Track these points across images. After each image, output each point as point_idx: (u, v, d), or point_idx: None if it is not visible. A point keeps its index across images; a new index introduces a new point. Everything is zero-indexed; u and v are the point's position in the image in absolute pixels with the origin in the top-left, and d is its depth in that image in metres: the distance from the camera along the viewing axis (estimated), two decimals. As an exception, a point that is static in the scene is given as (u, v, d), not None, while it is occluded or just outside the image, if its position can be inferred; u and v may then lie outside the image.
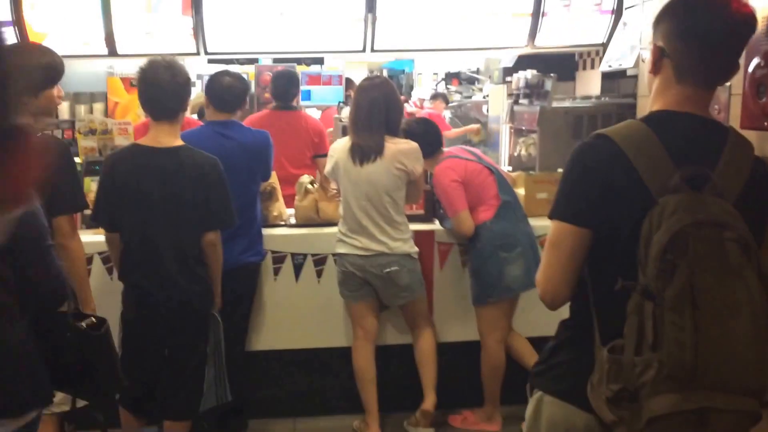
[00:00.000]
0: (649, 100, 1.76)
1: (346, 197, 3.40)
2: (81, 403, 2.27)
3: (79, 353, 2.00)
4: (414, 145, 3.37)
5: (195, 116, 4.81)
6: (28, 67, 2.65)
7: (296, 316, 3.71)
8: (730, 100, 2.76)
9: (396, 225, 3.37)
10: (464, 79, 8.31)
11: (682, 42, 1.64)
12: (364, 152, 3.32)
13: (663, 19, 1.68)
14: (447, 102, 7.92)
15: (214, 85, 3.51)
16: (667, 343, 1.45)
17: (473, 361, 3.63)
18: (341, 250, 3.44)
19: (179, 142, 2.92)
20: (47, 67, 2.72)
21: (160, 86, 2.86)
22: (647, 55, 1.78)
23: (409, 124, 3.60)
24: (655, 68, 1.70)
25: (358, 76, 6.82)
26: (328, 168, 3.48)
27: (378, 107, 3.34)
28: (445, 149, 3.74)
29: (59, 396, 2.46)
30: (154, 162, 2.86)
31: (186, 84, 2.94)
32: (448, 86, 8.20)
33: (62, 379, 2.01)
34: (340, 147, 3.44)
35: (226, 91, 3.46)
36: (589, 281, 1.64)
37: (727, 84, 2.63)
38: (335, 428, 3.70)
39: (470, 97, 7.58)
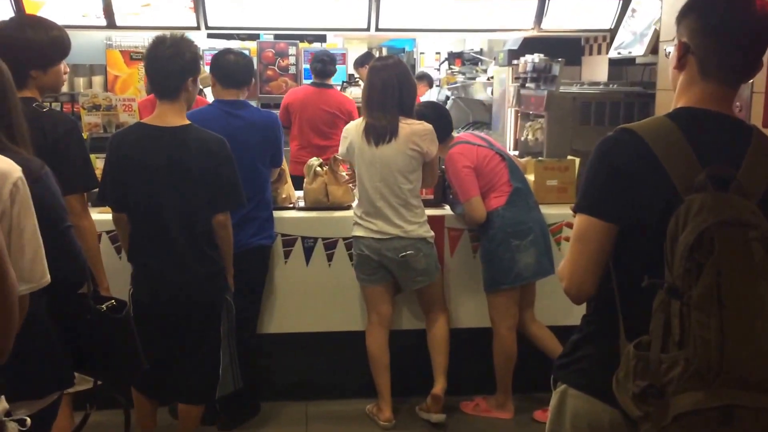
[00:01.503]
0: (673, 95, 1.77)
1: (361, 179, 3.41)
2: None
3: (100, 336, 2.01)
4: (429, 126, 3.38)
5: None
6: (38, 42, 2.64)
7: (307, 299, 3.73)
8: (752, 98, 2.77)
9: (412, 208, 3.39)
10: (467, 60, 8.26)
11: (706, 38, 1.65)
12: (378, 133, 3.33)
13: (687, 14, 1.69)
14: (431, 84, 7.79)
15: (219, 63, 3.46)
16: (694, 341, 1.48)
17: (486, 348, 3.67)
18: (357, 233, 3.46)
19: (185, 121, 2.91)
20: (56, 42, 2.70)
21: (161, 65, 2.84)
22: (671, 50, 1.79)
23: (420, 108, 3.61)
24: (680, 64, 1.71)
25: (357, 54, 6.81)
26: (342, 149, 3.49)
27: (392, 88, 3.35)
28: (455, 135, 3.75)
29: (79, 375, 2.49)
30: (161, 141, 2.84)
31: (192, 62, 2.89)
32: (452, 66, 8.14)
33: (83, 362, 2.02)
34: (353, 128, 3.45)
35: (232, 68, 3.42)
36: (614, 276, 1.66)
37: (749, 81, 2.65)
38: (348, 412, 3.73)
39: (474, 78, 7.54)
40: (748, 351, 1.47)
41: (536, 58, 4.85)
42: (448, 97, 7.86)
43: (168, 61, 2.83)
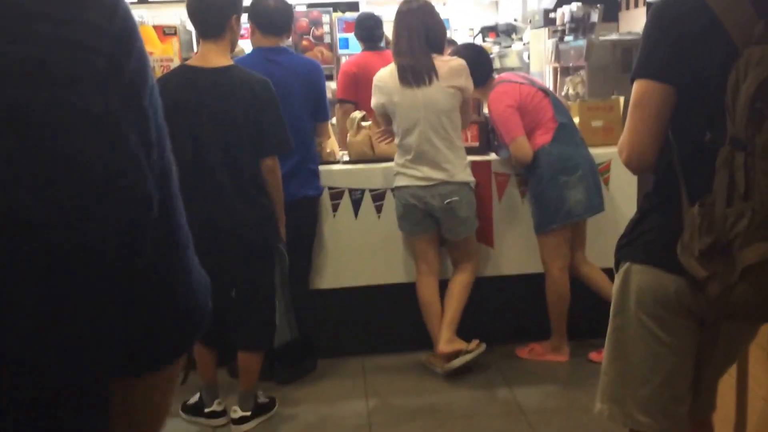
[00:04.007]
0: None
1: (403, 126, 3.37)
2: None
3: None
4: (461, 60, 3.35)
5: None
6: None
7: (357, 252, 3.73)
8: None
9: (456, 149, 3.38)
10: (502, 31, 8.23)
11: None
12: (415, 73, 3.30)
13: None
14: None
15: (258, 9, 3.42)
16: (759, 191, 1.45)
17: (537, 294, 3.64)
18: (401, 182, 3.44)
19: (229, 62, 2.91)
20: None
21: (203, 1, 2.85)
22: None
23: (458, 49, 3.58)
24: None
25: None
26: (375, 102, 3.42)
27: (417, 33, 3.32)
28: (496, 75, 3.73)
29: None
30: (204, 82, 2.84)
31: (233, 1, 2.88)
32: (486, 39, 8.11)
33: None
34: (386, 75, 3.39)
35: (273, 13, 3.39)
36: (674, 142, 1.64)
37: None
38: (404, 364, 3.72)
39: (509, 46, 7.50)
40: (816, 197, 1.44)
41: (573, 6, 4.80)
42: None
43: None
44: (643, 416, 1.76)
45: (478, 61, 3.52)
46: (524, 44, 6.86)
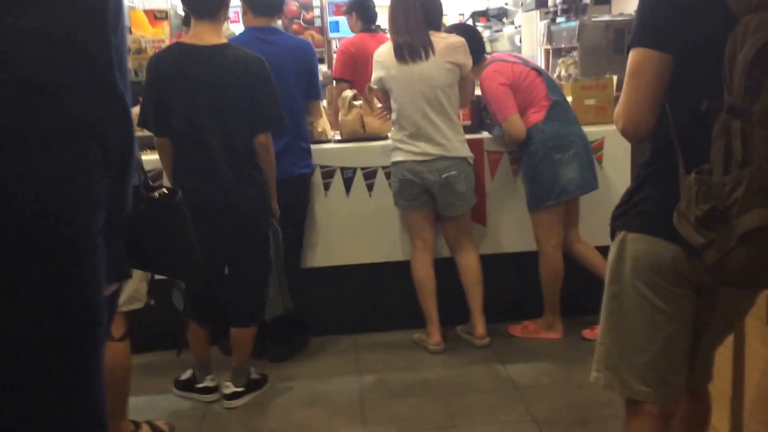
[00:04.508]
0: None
1: (400, 101, 3.38)
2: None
3: (154, 225, 2.01)
4: (460, 38, 3.38)
5: None
6: None
7: (349, 231, 3.72)
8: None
9: (454, 125, 3.39)
10: (493, 16, 8.20)
11: None
12: (412, 48, 3.31)
13: None
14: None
15: None
16: (758, 158, 1.46)
17: (531, 272, 3.65)
18: (398, 158, 3.44)
19: (223, 40, 2.91)
20: None
21: None
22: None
23: (450, 30, 3.58)
24: None
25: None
26: (375, 76, 3.45)
27: (415, 10, 3.34)
28: (488, 55, 3.72)
29: (125, 296, 2.50)
30: (199, 59, 2.84)
31: None
32: (476, 24, 8.07)
33: (138, 256, 2.02)
34: (385, 51, 3.42)
35: None
36: (671, 111, 1.64)
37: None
38: (396, 342, 3.74)
39: (500, 30, 7.48)
40: (814, 163, 1.44)
41: (565, -13, 4.80)
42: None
43: None
44: (639, 384, 1.77)
45: (470, 41, 3.51)
46: (516, 27, 6.85)
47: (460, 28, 3.75)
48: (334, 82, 4.54)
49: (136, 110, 3.19)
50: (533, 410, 2.99)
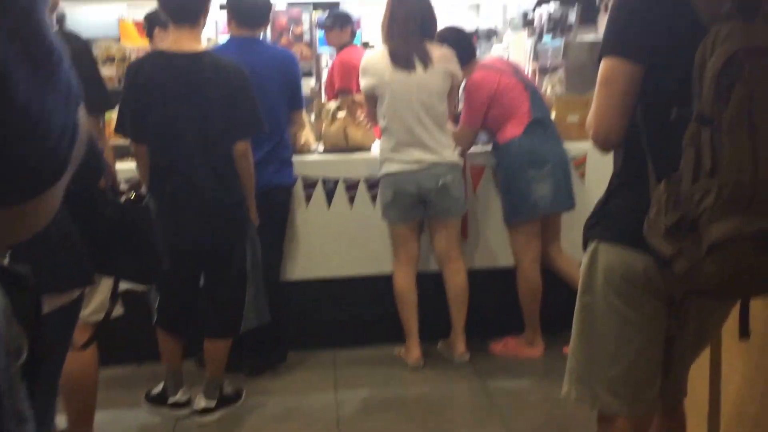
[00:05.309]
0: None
1: (393, 108, 3.35)
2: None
3: (120, 230, 1.98)
4: (449, 50, 3.42)
5: None
6: None
7: (330, 243, 3.69)
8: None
9: (446, 132, 3.42)
10: (481, 37, 8.24)
11: None
12: (411, 56, 3.32)
13: None
14: None
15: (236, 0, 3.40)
16: (726, 167, 1.44)
17: (511, 287, 3.62)
18: (391, 169, 3.41)
19: (202, 48, 2.89)
20: None
21: None
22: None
23: (442, 32, 3.58)
24: None
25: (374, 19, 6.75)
26: (366, 83, 3.40)
27: (414, 18, 3.36)
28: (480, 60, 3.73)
29: (92, 306, 2.46)
30: (177, 66, 2.82)
31: None
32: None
33: (103, 261, 1.99)
34: (377, 57, 3.41)
35: (250, 6, 3.37)
36: (642, 120, 1.63)
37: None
38: (376, 357, 3.69)
39: (488, 51, 7.50)
40: (782, 173, 1.42)
41: (551, 7, 4.81)
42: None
43: None
44: (611, 398, 1.74)
45: (460, 43, 3.56)
46: (504, 48, 6.87)
47: (451, 30, 3.72)
48: (339, 94, 4.50)
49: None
50: (512, 427, 2.95)
